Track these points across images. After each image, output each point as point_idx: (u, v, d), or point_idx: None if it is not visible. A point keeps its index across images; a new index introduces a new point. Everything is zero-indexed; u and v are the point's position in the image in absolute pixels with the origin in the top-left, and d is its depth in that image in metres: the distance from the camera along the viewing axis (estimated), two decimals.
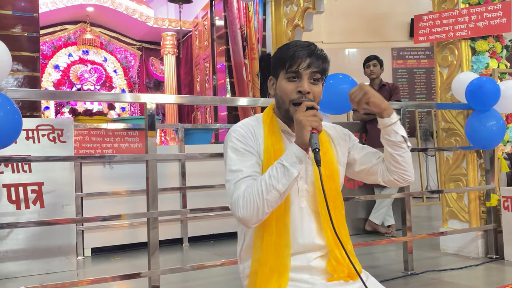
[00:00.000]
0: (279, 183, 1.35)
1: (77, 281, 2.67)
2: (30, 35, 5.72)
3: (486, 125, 3.61)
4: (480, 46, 3.92)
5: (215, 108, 7.90)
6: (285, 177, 1.35)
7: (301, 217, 1.50)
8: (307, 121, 1.36)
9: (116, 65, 10.40)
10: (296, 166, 1.36)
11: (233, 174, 1.44)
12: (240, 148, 1.48)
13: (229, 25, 7.22)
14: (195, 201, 4.72)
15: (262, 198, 1.35)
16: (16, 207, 3.65)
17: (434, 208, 6.98)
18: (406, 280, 3.23)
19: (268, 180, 1.36)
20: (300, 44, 1.50)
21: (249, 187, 1.39)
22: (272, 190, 1.35)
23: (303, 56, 1.47)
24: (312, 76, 1.48)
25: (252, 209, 1.36)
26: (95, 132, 4.29)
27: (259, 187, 1.37)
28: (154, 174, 2.61)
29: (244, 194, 1.38)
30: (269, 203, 1.36)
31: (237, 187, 1.42)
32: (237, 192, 1.41)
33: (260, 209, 1.36)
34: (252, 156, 1.48)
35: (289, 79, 1.49)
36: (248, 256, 1.53)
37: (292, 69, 1.47)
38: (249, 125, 1.54)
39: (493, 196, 3.84)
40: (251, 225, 1.42)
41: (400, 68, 8.92)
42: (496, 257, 3.77)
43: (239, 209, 1.38)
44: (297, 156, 1.36)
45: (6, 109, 2.12)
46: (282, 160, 1.37)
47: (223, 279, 3.44)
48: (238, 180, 1.43)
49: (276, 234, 1.45)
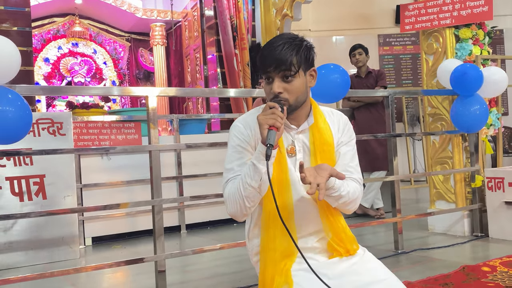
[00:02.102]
0: (252, 180, 1.51)
1: (82, 267, 2.80)
2: (22, 29, 5.77)
3: (470, 109, 3.77)
4: (463, 34, 4.07)
5: (207, 98, 7.99)
6: (256, 174, 1.50)
7: (304, 203, 1.64)
8: (263, 120, 1.48)
9: (106, 57, 10.43)
10: (262, 162, 1.49)
11: (226, 172, 1.63)
12: (237, 145, 1.63)
13: (219, 15, 7.30)
14: (191, 190, 4.85)
15: (241, 196, 1.54)
16: (19, 199, 3.76)
17: (422, 191, 7.18)
18: (397, 258, 3.41)
19: (243, 178, 1.53)
20: (268, 47, 1.59)
21: (232, 186, 1.57)
22: (248, 187, 1.52)
23: (270, 60, 1.57)
24: (283, 75, 1.57)
25: (235, 206, 1.56)
26: (92, 125, 4.39)
27: (238, 186, 1.55)
28: (157, 164, 2.74)
29: (229, 193, 1.58)
30: (248, 199, 1.54)
31: (227, 185, 1.61)
32: (225, 190, 1.60)
33: (242, 205, 1.55)
34: (246, 153, 1.62)
35: (267, 81, 1.62)
36: (255, 235, 1.68)
37: (265, 74, 1.60)
38: (249, 120, 1.66)
39: (478, 177, 4.02)
40: (240, 219, 1.62)
41: (386, 54, 9.06)
42: (481, 235, 3.96)
43: (227, 206, 1.60)
44: (262, 153, 1.49)
45: (17, 105, 2.23)
46: (252, 159, 1.52)
47: (223, 263, 3.59)
48: (228, 179, 1.61)
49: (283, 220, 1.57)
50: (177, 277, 3.28)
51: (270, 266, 1.59)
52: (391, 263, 3.28)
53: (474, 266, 2.99)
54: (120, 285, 3.31)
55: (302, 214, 1.63)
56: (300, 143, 1.65)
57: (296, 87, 1.58)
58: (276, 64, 1.56)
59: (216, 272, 3.35)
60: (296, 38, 1.61)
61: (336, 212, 1.67)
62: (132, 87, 5.01)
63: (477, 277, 2.78)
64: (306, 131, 1.67)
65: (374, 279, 1.53)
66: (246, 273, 3.21)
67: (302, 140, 1.66)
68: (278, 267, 1.57)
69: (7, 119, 2.17)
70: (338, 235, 1.65)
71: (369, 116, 5.08)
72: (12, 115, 2.19)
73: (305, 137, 1.66)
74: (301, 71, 1.59)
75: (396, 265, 3.21)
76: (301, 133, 1.66)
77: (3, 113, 2.17)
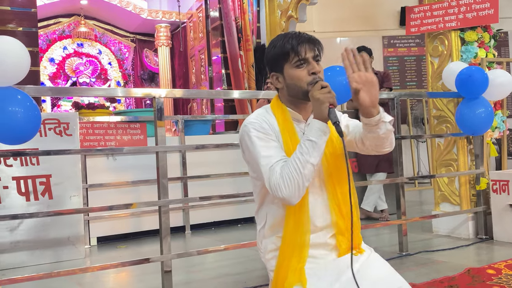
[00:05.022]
0: (311, 157, 1.50)
1: (88, 267, 2.82)
2: (29, 30, 5.80)
3: (475, 112, 3.77)
4: (469, 37, 4.08)
5: (212, 99, 8.01)
6: (316, 150, 1.51)
7: (317, 196, 1.64)
8: (325, 97, 1.52)
9: (111, 58, 10.47)
10: (322, 138, 1.52)
11: (266, 160, 1.57)
12: (263, 136, 1.61)
13: (224, 17, 7.32)
14: (196, 190, 4.87)
15: (300, 174, 1.50)
16: (25, 198, 3.78)
17: (426, 193, 7.18)
18: (401, 260, 3.42)
19: (301, 156, 1.50)
20: (291, 36, 1.64)
21: (284, 168, 1.53)
22: (307, 164, 1.50)
23: (302, 44, 1.62)
24: (315, 58, 1.64)
25: (294, 186, 1.50)
26: (98, 125, 4.41)
27: (294, 165, 1.50)
28: (164, 164, 2.75)
29: (282, 175, 1.52)
30: (307, 177, 1.51)
31: (272, 171, 1.54)
32: (274, 175, 1.53)
33: (301, 184, 1.51)
34: (275, 142, 1.61)
35: (298, 66, 1.63)
36: (272, 233, 1.68)
37: (300, 58, 1.62)
38: (262, 116, 1.67)
39: (483, 179, 4.02)
40: (294, 202, 1.55)
41: (391, 56, 9.06)
42: (485, 238, 3.96)
43: (282, 189, 1.51)
44: (321, 130, 1.52)
45: (26, 106, 2.25)
46: (309, 136, 1.52)
47: (227, 263, 3.60)
48: (272, 165, 1.55)
49: (300, 213, 1.60)
50: (182, 277, 3.30)
51: (287, 262, 1.60)
52: (396, 265, 3.28)
53: (479, 269, 2.99)
54: (125, 285, 3.33)
55: (313, 206, 1.64)
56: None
57: (323, 71, 1.65)
58: (309, 46, 1.62)
59: (221, 273, 3.37)
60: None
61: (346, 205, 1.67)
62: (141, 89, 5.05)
63: (482, 280, 2.79)
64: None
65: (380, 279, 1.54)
66: (251, 274, 3.22)
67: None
68: (293, 264, 1.59)
69: (16, 120, 2.20)
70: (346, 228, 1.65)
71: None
72: (22, 116, 2.22)
73: None
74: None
75: (401, 267, 3.22)
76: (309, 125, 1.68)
77: (12, 114, 2.19)
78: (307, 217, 1.61)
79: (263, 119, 1.66)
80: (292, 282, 1.54)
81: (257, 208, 1.75)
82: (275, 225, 1.67)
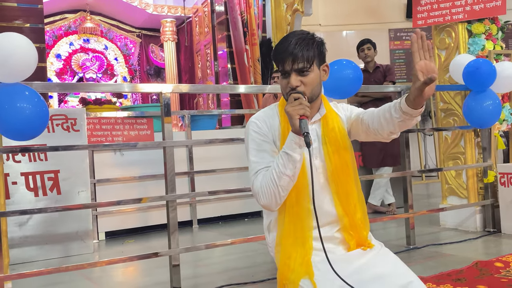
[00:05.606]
0: (287, 169, 1.56)
1: (97, 261, 2.84)
2: (35, 26, 5.83)
3: (482, 105, 3.75)
4: (476, 29, 4.05)
5: (218, 94, 8.02)
6: (290, 162, 1.56)
7: (322, 192, 1.68)
8: (293, 110, 1.54)
9: (117, 53, 10.49)
10: (296, 151, 1.56)
11: (253, 165, 1.67)
12: (257, 139, 1.69)
13: (230, 11, 7.31)
14: (203, 185, 4.89)
15: (276, 185, 1.58)
16: (34, 194, 3.81)
17: (433, 186, 7.16)
18: (409, 254, 3.42)
19: (277, 168, 1.57)
20: (283, 44, 1.66)
21: (264, 177, 1.61)
22: (282, 176, 1.57)
23: (285, 56, 1.63)
24: (299, 70, 1.64)
25: (270, 196, 1.59)
26: (105, 121, 4.43)
27: (271, 176, 1.58)
28: (171, 159, 2.76)
29: (261, 185, 1.61)
30: (283, 188, 1.58)
31: (256, 177, 1.64)
32: (256, 182, 1.63)
33: (277, 195, 1.59)
34: (268, 145, 1.68)
35: (283, 76, 1.68)
36: (276, 228, 1.70)
37: (281, 69, 1.67)
38: (264, 117, 1.73)
39: (490, 172, 4.01)
40: (273, 209, 1.65)
41: (397, 49, 9.02)
42: (493, 231, 3.95)
43: (261, 198, 1.61)
44: (295, 142, 1.56)
45: (34, 102, 2.26)
46: (285, 148, 1.57)
47: (235, 257, 3.61)
48: (257, 171, 1.65)
49: (298, 208, 1.64)
50: (190, 271, 3.32)
51: (289, 255, 1.62)
52: (404, 258, 3.25)
53: (487, 262, 2.99)
54: (134, 279, 3.35)
55: (319, 201, 1.66)
56: (314, 132, 1.72)
57: (312, 80, 1.65)
58: (292, 58, 1.62)
59: (229, 267, 3.38)
60: (308, 34, 1.69)
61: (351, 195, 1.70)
62: (147, 84, 5.05)
63: (490, 273, 2.78)
64: (318, 122, 1.75)
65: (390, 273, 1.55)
66: (259, 268, 3.24)
67: (316, 130, 1.73)
68: (299, 257, 1.60)
69: (24, 116, 2.21)
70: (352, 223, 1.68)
71: None
72: (30, 112, 2.23)
73: (317, 127, 1.74)
74: (314, 65, 1.66)
75: (409, 261, 3.21)
76: (314, 124, 1.74)
77: (21, 110, 2.21)
78: (307, 213, 1.64)
79: (265, 119, 1.72)
80: (299, 274, 1.56)
81: None
82: (279, 219, 1.70)
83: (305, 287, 1.54)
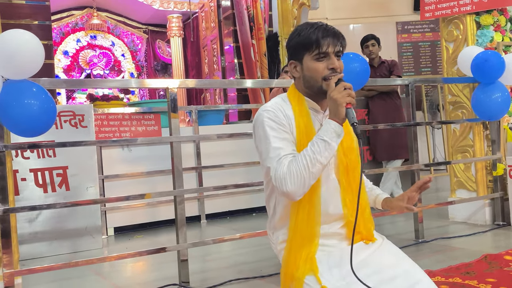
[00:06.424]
0: (322, 157, 1.50)
1: (106, 256, 2.86)
2: (43, 23, 5.86)
3: (491, 97, 3.72)
4: (484, 20, 4.01)
5: (225, 89, 8.01)
6: (327, 151, 1.50)
7: (332, 188, 1.65)
8: (342, 98, 1.50)
9: (124, 49, 10.52)
10: (335, 140, 1.51)
11: (275, 151, 1.56)
12: (276, 127, 1.60)
13: (236, 6, 7.29)
14: (210, 180, 4.89)
15: (308, 172, 1.50)
16: (43, 190, 3.84)
17: (441, 179, 7.12)
18: (417, 248, 3.41)
19: (312, 155, 1.50)
20: (318, 27, 1.62)
21: (292, 163, 1.52)
22: (316, 163, 1.50)
23: (327, 38, 1.59)
24: (337, 53, 1.61)
25: (299, 182, 1.50)
26: (113, 117, 4.45)
27: (304, 161, 1.50)
28: (178, 154, 2.77)
29: (290, 170, 1.51)
30: (314, 175, 1.51)
31: (280, 163, 1.54)
32: (281, 168, 1.53)
33: (306, 182, 1.51)
34: (287, 134, 1.60)
35: (318, 59, 1.60)
36: (282, 225, 1.69)
37: (321, 51, 1.59)
38: (278, 105, 1.65)
39: (499, 165, 3.98)
40: (297, 198, 1.55)
41: (405, 42, 8.95)
42: (503, 224, 3.92)
43: (287, 184, 1.51)
44: (335, 131, 1.51)
45: (42, 98, 2.27)
46: (322, 136, 1.51)
47: (243, 252, 3.62)
48: (281, 157, 1.55)
49: (310, 205, 1.60)
50: (198, 266, 3.33)
51: (295, 253, 1.61)
52: (412, 252, 3.28)
53: (496, 255, 2.97)
54: (143, 274, 3.37)
55: (329, 197, 1.64)
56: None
57: (342, 66, 1.63)
58: (333, 40, 1.59)
59: (237, 261, 3.39)
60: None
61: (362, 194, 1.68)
62: (154, 80, 5.04)
63: (499, 266, 2.77)
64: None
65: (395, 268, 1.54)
66: (267, 262, 3.24)
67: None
68: (304, 254, 1.59)
69: (32, 112, 2.22)
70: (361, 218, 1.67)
71: (384, 104, 5.04)
72: (37, 108, 2.24)
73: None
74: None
75: (417, 254, 3.21)
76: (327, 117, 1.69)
77: (28, 107, 2.22)
78: (318, 209, 1.61)
79: (279, 108, 1.64)
80: (304, 271, 1.55)
81: (267, 198, 1.75)
82: (284, 217, 1.67)
83: (310, 283, 1.53)
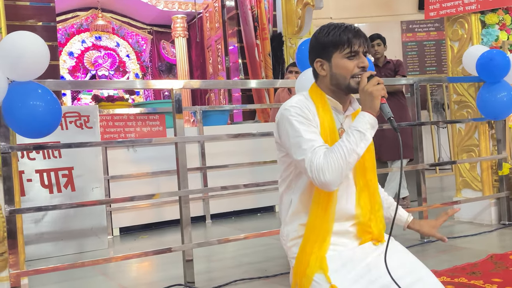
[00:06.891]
0: (358, 147, 1.54)
1: (112, 257, 2.87)
2: (48, 24, 5.88)
3: (497, 96, 3.71)
4: (489, 19, 4.00)
5: (229, 89, 8.01)
6: (363, 141, 1.54)
7: (347, 187, 1.67)
8: (377, 91, 1.57)
9: (129, 50, 10.55)
10: (370, 132, 1.56)
11: (308, 143, 1.58)
12: (304, 121, 1.63)
13: (240, 6, 7.29)
14: (215, 180, 4.90)
15: (345, 161, 1.53)
16: (48, 191, 3.85)
17: (447, 179, 7.10)
18: (423, 247, 3.40)
19: (348, 145, 1.53)
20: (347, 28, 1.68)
21: (328, 153, 1.54)
22: (352, 154, 1.53)
23: (359, 38, 1.65)
24: (364, 53, 1.68)
25: (337, 172, 1.53)
26: (118, 117, 4.46)
27: (341, 152, 1.53)
28: (183, 155, 2.78)
29: (327, 160, 1.53)
30: (350, 165, 1.55)
31: (315, 154, 1.56)
32: (317, 159, 1.54)
33: (344, 172, 1.54)
34: (315, 129, 1.63)
35: (349, 57, 1.65)
36: (293, 221, 1.70)
37: (352, 50, 1.65)
38: (302, 102, 1.68)
39: (505, 165, 3.97)
40: (333, 188, 1.57)
41: (410, 41, 8.93)
42: (509, 223, 3.90)
43: (325, 174, 1.53)
44: (370, 123, 1.56)
45: (47, 99, 2.28)
46: (357, 127, 1.55)
47: (247, 252, 3.62)
48: (315, 148, 1.57)
49: (328, 202, 1.62)
50: (203, 266, 3.33)
51: (307, 250, 1.62)
52: (418, 252, 3.27)
53: (502, 255, 2.96)
54: (148, 274, 3.38)
55: (344, 196, 1.66)
56: (347, 126, 1.71)
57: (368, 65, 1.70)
58: (363, 40, 1.66)
59: (242, 261, 3.39)
60: None
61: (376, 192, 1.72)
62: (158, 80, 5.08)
63: (505, 266, 2.76)
64: (349, 116, 1.75)
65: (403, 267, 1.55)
66: (272, 262, 3.24)
67: (348, 124, 1.72)
68: (315, 251, 1.60)
69: (38, 113, 2.23)
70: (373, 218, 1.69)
71: (389, 104, 5.01)
72: (43, 110, 2.25)
73: (350, 121, 1.73)
74: None
75: (423, 254, 3.20)
76: (347, 118, 1.74)
77: (34, 108, 2.23)
78: (333, 206, 1.63)
79: (304, 105, 1.66)
80: (314, 269, 1.56)
81: (282, 194, 1.76)
82: (297, 212, 1.69)
83: (319, 281, 1.54)
